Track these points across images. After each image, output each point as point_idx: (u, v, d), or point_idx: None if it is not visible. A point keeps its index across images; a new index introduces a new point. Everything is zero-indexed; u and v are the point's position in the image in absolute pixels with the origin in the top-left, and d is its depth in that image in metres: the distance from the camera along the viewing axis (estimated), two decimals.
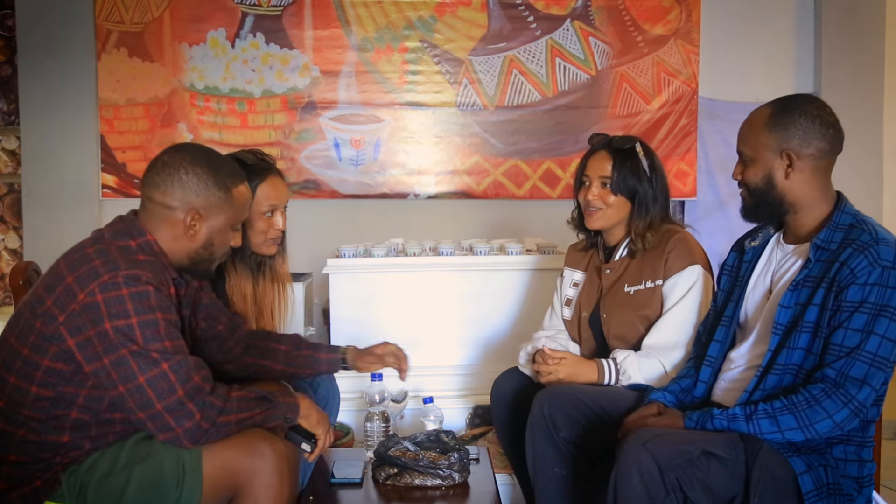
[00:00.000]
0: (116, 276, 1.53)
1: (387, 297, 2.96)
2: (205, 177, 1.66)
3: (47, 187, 4.25)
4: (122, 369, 1.52)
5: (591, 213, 2.19)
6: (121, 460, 1.59)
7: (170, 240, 1.68)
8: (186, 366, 1.56)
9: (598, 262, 2.28)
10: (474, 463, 2.11)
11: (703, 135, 4.41)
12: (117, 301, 1.52)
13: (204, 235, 1.69)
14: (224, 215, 1.70)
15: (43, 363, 1.56)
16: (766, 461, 1.57)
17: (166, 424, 1.53)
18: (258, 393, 1.67)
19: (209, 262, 1.75)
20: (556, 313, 2.34)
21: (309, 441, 1.77)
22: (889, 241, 1.62)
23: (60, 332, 1.54)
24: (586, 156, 2.25)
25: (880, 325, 1.58)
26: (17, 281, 2.17)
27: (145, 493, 1.56)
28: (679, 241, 2.12)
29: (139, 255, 1.62)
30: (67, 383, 1.57)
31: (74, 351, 1.54)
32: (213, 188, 1.67)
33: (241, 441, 1.60)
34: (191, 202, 1.66)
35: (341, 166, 4.32)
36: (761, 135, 1.72)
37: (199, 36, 4.23)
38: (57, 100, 4.22)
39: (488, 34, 4.31)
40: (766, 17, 4.48)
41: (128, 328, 1.52)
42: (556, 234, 3.37)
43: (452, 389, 2.89)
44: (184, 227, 1.67)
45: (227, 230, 1.73)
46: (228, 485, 1.59)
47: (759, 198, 1.75)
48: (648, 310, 2.11)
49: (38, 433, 1.58)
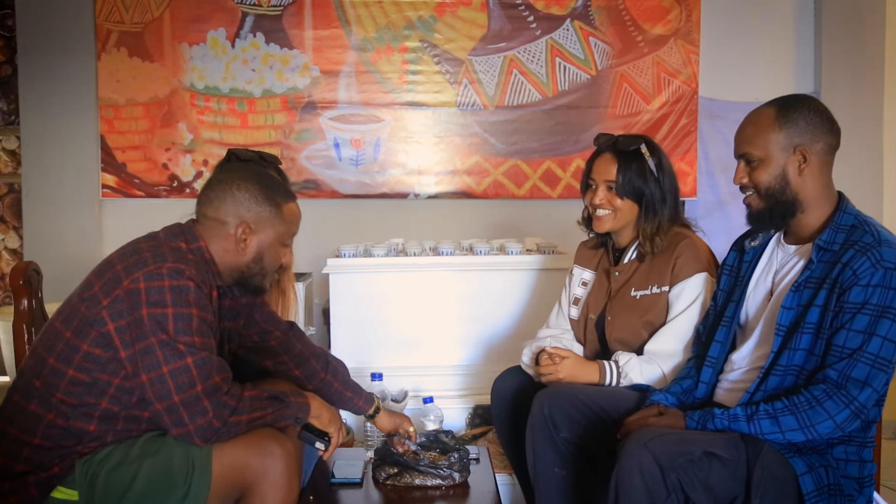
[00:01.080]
0: (161, 268, 1.58)
1: (387, 297, 2.96)
2: (256, 192, 1.73)
3: (47, 187, 4.25)
4: (148, 357, 1.55)
5: (599, 217, 2.17)
6: (132, 453, 1.61)
7: (221, 252, 1.73)
8: (210, 363, 1.59)
9: (607, 265, 2.25)
10: (474, 463, 2.11)
11: (703, 135, 4.41)
12: (158, 291, 1.57)
13: (254, 249, 1.75)
14: (274, 230, 1.76)
15: (82, 347, 1.59)
16: (768, 462, 1.57)
17: (181, 419, 1.55)
18: (270, 393, 1.69)
19: (260, 276, 1.79)
20: (563, 312, 2.33)
21: (322, 440, 1.79)
22: (892, 243, 1.62)
23: (102, 315, 1.58)
24: (592, 157, 2.21)
25: (882, 326, 1.58)
26: (17, 281, 2.16)
27: (153, 486, 1.58)
28: (687, 247, 2.09)
29: (188, 255, 1.67)
30: (103, 370, 1.60)
31: (113, 335, 1.58)
32: (264, 203, 1.74)
33: (251, 440, 1.62)
34: (242, 216, 1.72)
35: (341, 166, 4.32)
36: (771, 133, 1.71)
37: (199, 36, 4.24)
38: (57, 100, 4.22)
39: (488, 34, 4.31)
40: (767, 17, 4.48)
41: (162, 317, 1.56)
42: (556, 234, 3.38)
43: (452, 389, 2.89)
44: (235, 241, 1.73)
45: (278, 245, 1.78)
46: (237, 483, 1.61)
47: (771, 198, 1.73)
48: (653, 315, 2.09)
49: (67, 418, 1.60)
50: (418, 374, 2.86)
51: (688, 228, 2.19)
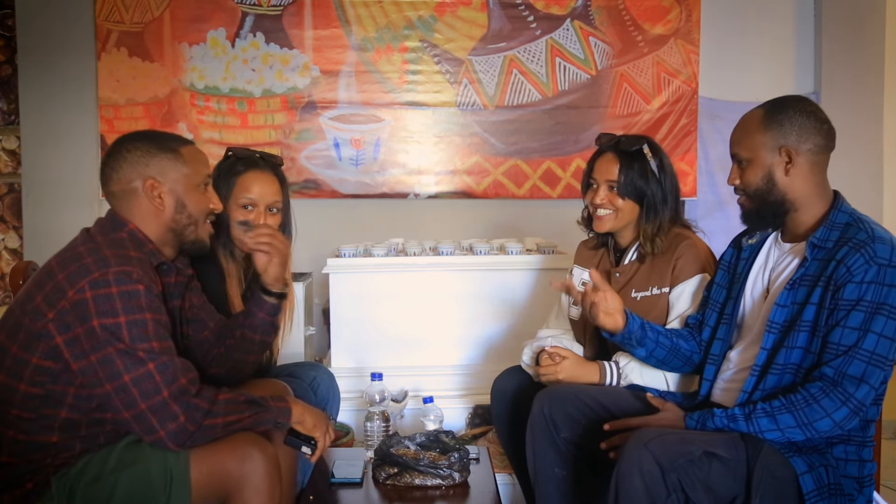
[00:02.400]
0: (107, 274, 1.53)
1: (387, 297, 2.96)
2: (145, 146, 1.69)
3: (47, 187, 4.25)
4: (108, 368, 1.52)
5: (599, 216, 2.17)
6: (109, 464, 1.58)
7: (146, 221, 1.69)
8: (172, 367, 1.55)
9: (608, 265, 2.25)
10: (474, 463, 2.11)
11: (703, 135, 4.41)
12: (106, 299, 1.52)
13: (171, 200, 1.70)
14: (180, 174, 1.70)
15: (31, 361, 1.55)
16: (768, 461, 1.58)
17: (150, 426, 1.53)
18: (247, 396, 1.66)
19: (194, 228, 1.74)
20: (563, 312, 2.32)
21: (308, 444, 1.77)
22: (885, 239, 1.62)
23: (49, 328, 1.53)
24: (593, 157, 2.21)
25: (877, 322, 1.58)
26: (17, 281, 2.17)
27: (133, 498, 1.55)
28: (688, 248, 2.09)
29: (130, 252, 1.61)
30: (55, 381, 1.56)
31: (62, 348, 1.54)
32: (157, 152, 1.69)
33: (229, 445, 1.59)
34: (143, 173, 1.68)
35: (341, 166, 4.32)
36: (757, 134, 1.73)
37: (199, 36, 4.23)
38: (57, 100, 4.22)
39: (488, 34, 4.31)
40: (767, 17, 4.48)
41: (115, 326, 1.52)
42: (556, 233, 3.38)
43: (452, 389, 2.89)
44: (149, 200, 1.68)
45: (195, 189, 1.73)
46: (217, 490, 1.58)
47: (759, 199, 1.75)
48: (653, 317, 2.08)
49: (28, 433, 1.57)
50: (418, 374, 2.86)
51: (688, 229, 2.19)
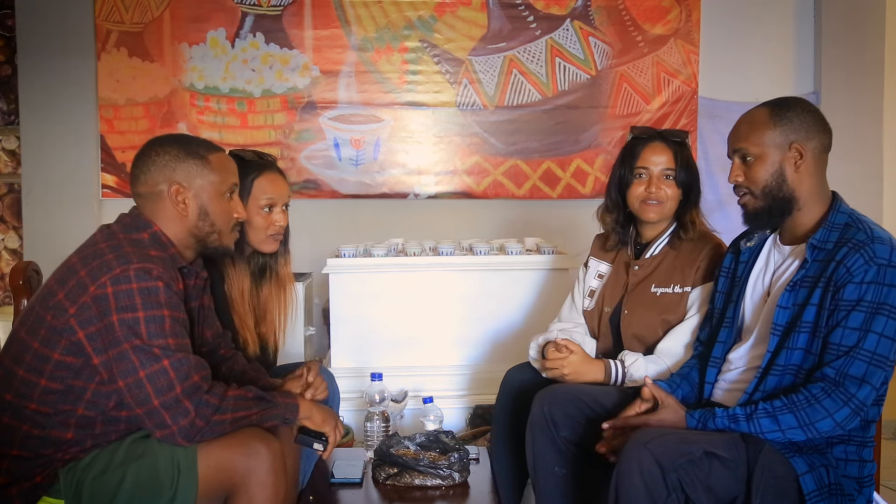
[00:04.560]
0: (128, 270, 1.55)
1: (387, 297, 2.96)
2: (175, 151, 1.70)
3: (47, 187, 4.25)
4: (123, 363, 1.53)
5: (651, 206, 2.14)
6: (117, 458, 1.59)
7: (169, 224, 1.70)
8: (187, 364, 1.56)
9: (626, 258, 2.23)
10: (474, 463, 2.12)
11: (703, 135, 4.41)
12: (126, 294, 1.54)
13: (195, 207, 1.71)
14: (206, 181, 1.71)
15: (53, 356, 1.57)
16: (768, 461, 1.57)
17: (162, 421, 1.53)
18: (256, 392, 1.67)
19: (216, 235, 1.75)
20: (576, 306, 2.29)
21: (319, 440, 1.77)
22: (884, 239, 1.62)
23: (71, 324, 1.55)
24: (637, 148, 2.17)
25: (878, 323, 1.58)
26: (17, 281, 2.16)
27: (140, 491, 1.56)
28: (714, 250, 2.11)
29: (151, 251, 1.63)
30: (76, 377, 1.58)
31: (84, 343, 1.55)
32: (186, 157, 1.70)
33: (236, 440, 1.60)
34: (170, 177, 1.68)
35: (341, 166, 4.32)
36: (766, 129, 1.72)
37: (198, 36, 4.23)
38: (57, 100, 4.22)
39: (488, 34, 4.31)
40: (766, 17, 4.48)
41: (133, 322, 1.53)
42: (555, 233, 3.38)
43: (452, 389, 2.89)
44: (173, 205, 1.69)
45: (220, 197, 1.74)
46: (223, 484, 1.59)
47: (768, 196, 1.74)
48: (671, 314, 2.08)
49: (44, 428, 1.58)
50: (418, 374, 2.86)
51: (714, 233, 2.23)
